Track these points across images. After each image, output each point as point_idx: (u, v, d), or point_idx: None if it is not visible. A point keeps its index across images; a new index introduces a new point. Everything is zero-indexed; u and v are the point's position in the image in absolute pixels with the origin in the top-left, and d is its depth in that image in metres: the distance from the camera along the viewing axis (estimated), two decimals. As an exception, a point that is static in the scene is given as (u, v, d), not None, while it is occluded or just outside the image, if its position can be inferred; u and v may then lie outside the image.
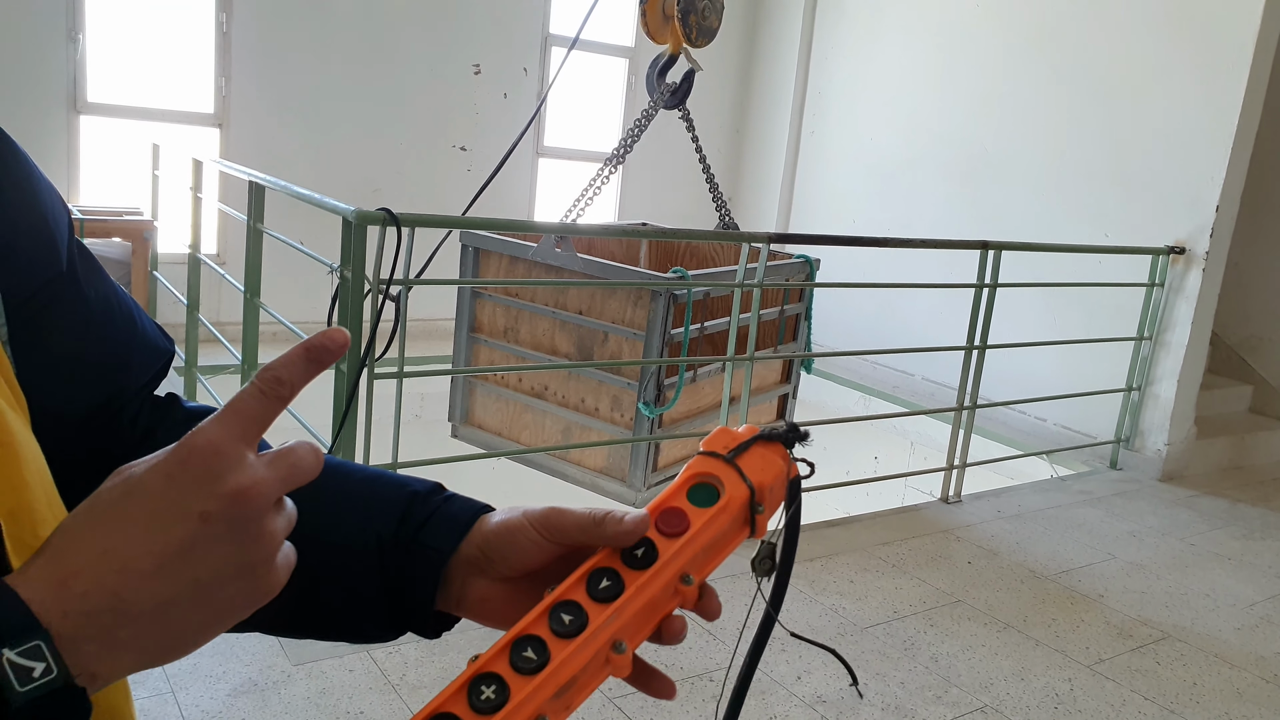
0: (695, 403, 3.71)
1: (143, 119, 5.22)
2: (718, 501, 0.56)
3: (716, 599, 0.57)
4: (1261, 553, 3.93)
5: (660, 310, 3.30)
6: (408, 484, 0.64)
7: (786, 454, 0.59)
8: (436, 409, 6.08)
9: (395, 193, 5.67)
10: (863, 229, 6.09)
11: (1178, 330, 4.74)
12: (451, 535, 0.60)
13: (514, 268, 3.63)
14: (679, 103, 4.02)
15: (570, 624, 0.51)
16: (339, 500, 0.63)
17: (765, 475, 0.57)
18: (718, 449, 0.58)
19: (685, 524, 0.55)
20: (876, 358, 6.17)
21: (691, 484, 0.57)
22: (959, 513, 4.03)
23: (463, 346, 3.82)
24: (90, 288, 0.60)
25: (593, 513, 0.56)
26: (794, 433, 0.59)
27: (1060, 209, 5.25)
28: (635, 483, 3.50)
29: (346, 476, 0.64)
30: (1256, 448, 5.32)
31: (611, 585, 0.53)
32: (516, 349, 3.66)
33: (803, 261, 4.09)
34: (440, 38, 5.89)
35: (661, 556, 0.54)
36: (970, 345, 4.07)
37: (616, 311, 3.43)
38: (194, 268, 4.31)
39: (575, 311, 3.52)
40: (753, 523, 0.57)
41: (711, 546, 0.56)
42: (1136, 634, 3.10)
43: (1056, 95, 5.28)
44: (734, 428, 0.60)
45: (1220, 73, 4.55)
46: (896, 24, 6.15)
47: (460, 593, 0.60)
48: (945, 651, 2.86)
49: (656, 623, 0.55)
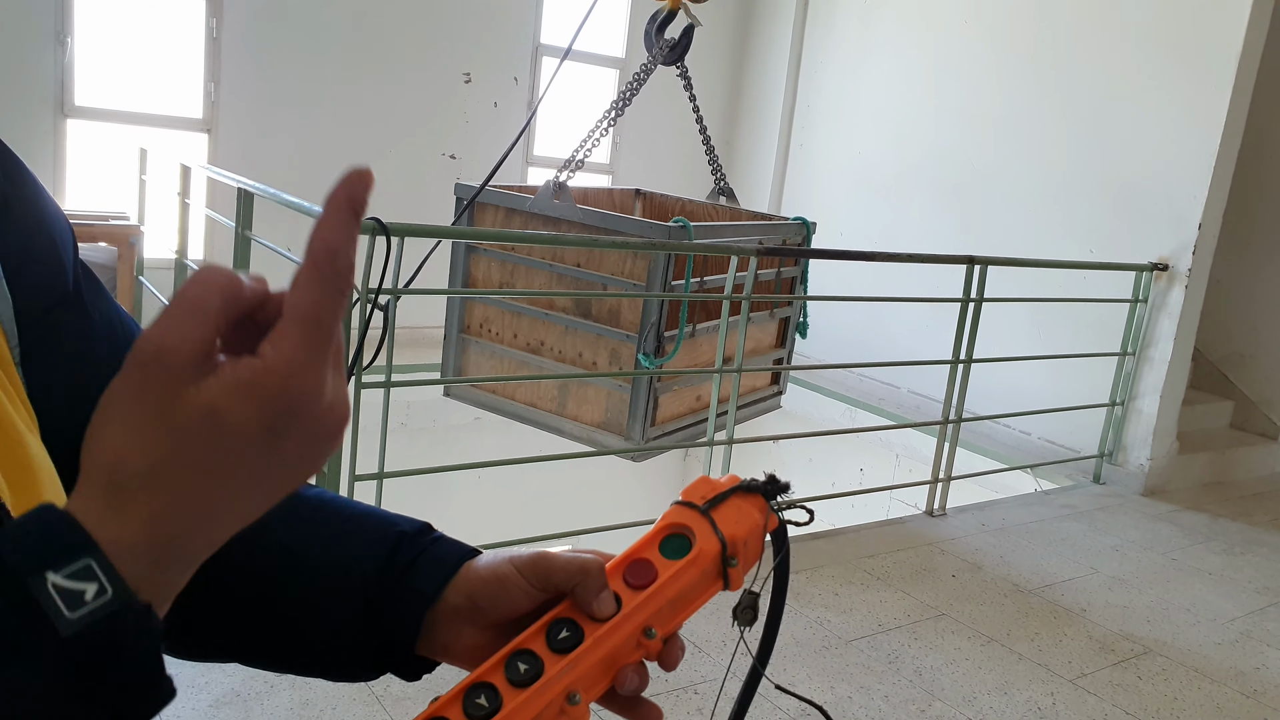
0: (693, 358, 3.66)
1: (131, 123, 5.20)
2: (688, 554, 0.55)
3: (677, 651, 0.56)
4: (1242, 568, 3.96)
5: (660, 261, 3.24)
6: (396, 523, 0.64)
7: (765, 506, 0.58)
8: (423, 417, 6.08)
9: (384, 201, 5.62)
10: (850, 241, 6.12)
11: (1161, 346, 4.79)
12: (436, 579, 0.59)
13: (510, 220, 3.57)
14: (678, 59, 3.90)
15: (525, 673, 0.51)
16: (325, 536, 0.63)
17: (739, 528, 0.56)
18: (695, 499, 0.57)
19: (652, 576, 0.55)
20: (862, 370, 6.19)
21: (664, 535, 0.57)
22: (944, 526, 4.05)
23: (456, 303, 3.75)
24: (94, 308, 0.60)
25: (581, 561, 0.55)
26: (773, 485, 0.58)
27: (1046, 225, 5.29)
28: (634, 436, 3.44)
29: (334, 511, 0.64)
30: (1237, 463, 5.36)
31: (570, 635, 0.52)
32: (512, 304, 3.59)
33: (799, 224, 4.05)
34: (430, 46, 5.90)
35: (624, 608, 0.54)
36: (956, 359, 4.10)
37: (615, 264, 3.36)
38: (180, 274, 4.29)
39: (573, 264, 3.44)
40: (725, 576, 0.56)
41: (679, 599, 0.55)
42: (1118, 648, 3.12)
43: (1043, 112, 5.33)
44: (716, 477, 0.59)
45: (1204, 93, 4.60)
46: (886, 39, 6.20)
47: (446, 639, 0.59)
48: (929, 665, 2.87)
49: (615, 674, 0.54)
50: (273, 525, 0.63)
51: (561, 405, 3.58)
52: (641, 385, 3.36)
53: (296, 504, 0.64)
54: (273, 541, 0.62)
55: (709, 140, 4.11)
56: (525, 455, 3.54)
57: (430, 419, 6.14)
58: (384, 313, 2.73)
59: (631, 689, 0.54)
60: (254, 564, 0.61)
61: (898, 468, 5.78)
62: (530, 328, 3.57)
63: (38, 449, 0.48)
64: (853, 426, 5.63)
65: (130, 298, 4.78)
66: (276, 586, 0.61)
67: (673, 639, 0.56)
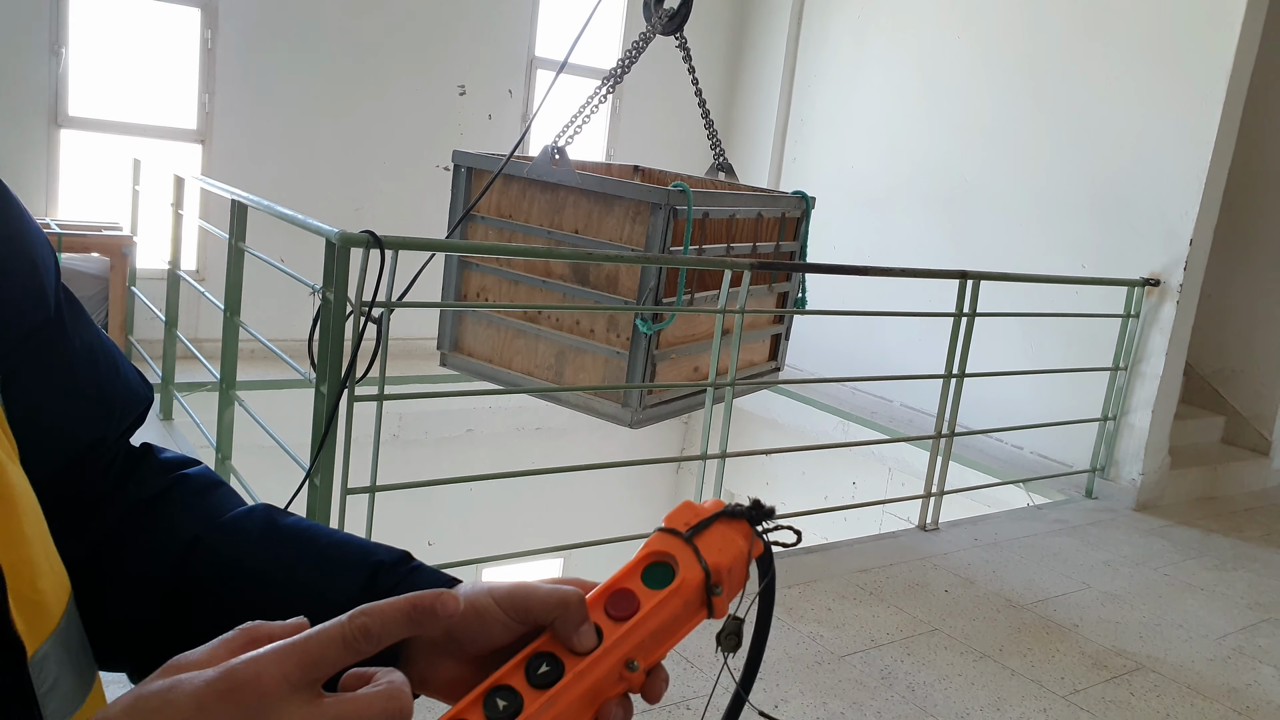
0: (691, 329, 3.63)
1: (124, 134, 5.20)
2: (671, 584, 0.54)
3: (661, 683, 0.55)
4: (1233, 583, 3.97)
5: (660, 224, 3.20)
6: (374, 552, 0.63)
7: (749, 532, 0.57)
8: (415, 429, 6.07)
9: (377, 212, 5.66)
10: (843, 255, 6.13)
11: (1152, 361, 4.80)
12: None
13: (508, 187, 3.53)
14: (677, 28, 3.80)
15: (505, 709, 0.50)
16: (303, 566, 0.62)
17: (724, 556, 0.55)
18: (678, 525, 0.56)
19: (634, 607, 0.54)
20: (855, 383, 6.20)
21: (647, 563, 0.56)
22: (936, 540, 4.05)
23: (453, 273, 3.69)
24: (76, 334, 0.59)
25: (560, 594, 0.55)
26: (758, 510, 0.57)
27: (1038, 239, 5.32)
28: (631, 403, 3.40)
29: (312, 540, 0.64)
30: (1228, 478, 5.38)
31: (550, 670, 0.51)
32: (509, 272, 3.54)
33: (799, 197, 4.00)
34: (425, 58, 5.91)
35: (605, 641, 0.53)
36: (949, 374, 4.10)
37: (614, 229, 3.32)
38: (173, 284, 4.28)
39: (571, 230, 3.40)
40: (709, 605, 0.55)
41: (662, 630, 0.54)
42: (1111, 664, 3.12)
43: (1035, 127, 5.36)
44: (700, 502, 0.58)
45: (1195, 108, 4.63)
46: (879, 54, 6.23)
47: (424, 672, 0.59)
48: (922, 681, 2.87)
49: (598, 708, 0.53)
50: (251, 555, 0.62)
51: (559, 373, 3.52)
52: (639, 352, 3.30)
53: (274, 533, 0.64)
54: (250, 571, 0.62)
55: (708, 114, 4.02)
56: (516, 468, 3.53)
57: (423, 431, 6.13)
58: (377, 326, 2.72)
59: None
60: (231, 594, 0.61)
61: (890, 481, 5.79)
62: (528, 296, 3.52)
63: (19, 478, 0.48)
64: (845, 440, 5.64)
65: (122, 308, 4.77)
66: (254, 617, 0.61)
67: (656, 670, 0.55)
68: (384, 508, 2.88)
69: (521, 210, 3.52)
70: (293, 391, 4.56)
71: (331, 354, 2.69)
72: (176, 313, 4.31)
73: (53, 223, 4.80)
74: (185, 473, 0.67)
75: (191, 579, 0.61)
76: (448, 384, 5.62)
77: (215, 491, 0.67)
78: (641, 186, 3.43)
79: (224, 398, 3.59)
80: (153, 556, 0.62)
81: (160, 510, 0.64)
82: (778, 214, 3.90)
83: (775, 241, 3.92)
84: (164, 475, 0.66)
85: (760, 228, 3.75)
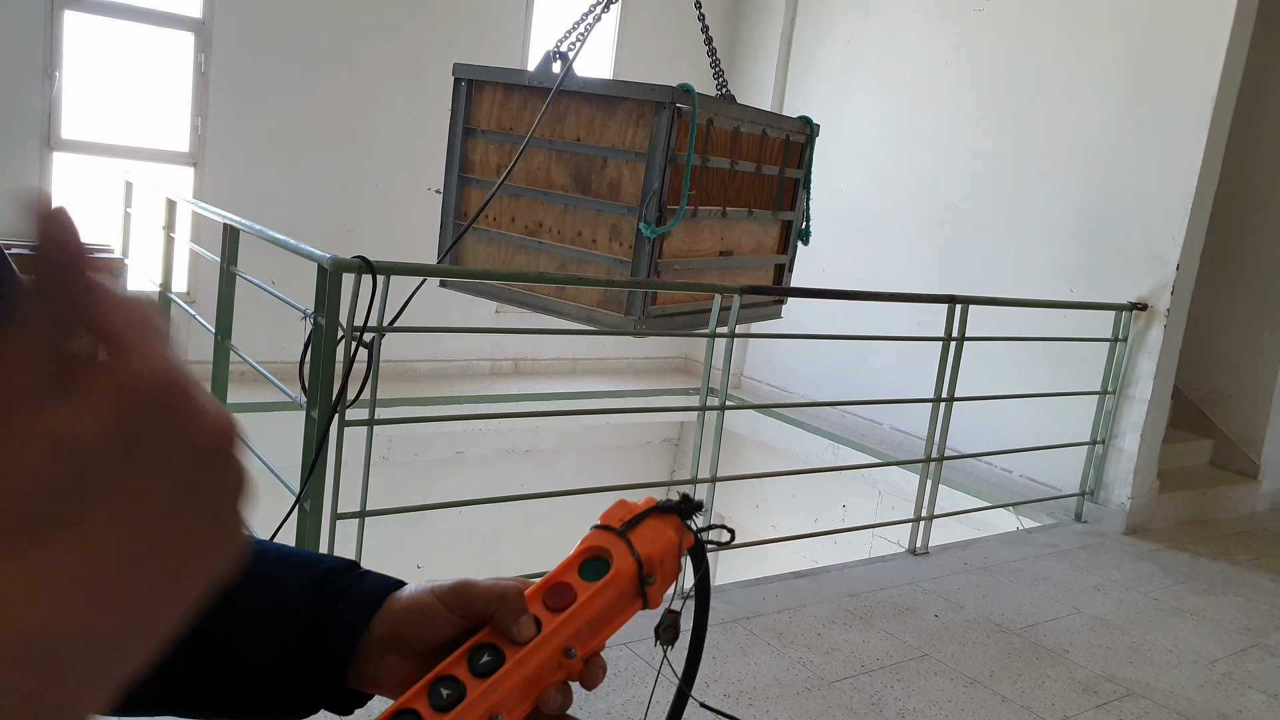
0: (694, 243, 3.54)
1: (117, 156, 5.21)
2: (605, 575, 0.57)
3: (598, 670, 0.57)
4: (1223, 608, 3.97)
5: (664, 125, 3.14)
6: (321, 561, 0.65)
7: (680, 525, 0.60)
8: (404, 450, 6.06)
9: (369, 235, 5.67)
10: (833, 278, 6.16)
11: (1140, 385, 4.83)
12: (364, 611, 0.61)
13: (510, 98, 3.49)
14: None
15: (448, 698, 0.52)
16: (252, 580, 0.61)
17: (655, 547, 0.58)
18: (613, 522, 0.59)
19: (571, 598, 0.56)
20: (845, 406, 6.21)
21: (584, 558, 0.58)
22: (926, 564, 4.05)
23: (453, 191, 3.65)
24: None
25: (500, 587, 0.57)
26: (687, 504, 0.60)
27: (1026, 264, 5.35)
28: (634, 310, 3.34)
29: (260, 554, 0.65)
30: (1217, 502, 5.40)
31: (491, 660, 0.54)
32: (509, 187, 3.48)
33: (804, 120, 3.93)
34: (417, 82, 5.93)
35: (544, 630, 0.55)
36: (938, 398, 4.12)
37: (616, 135, 3.27)
38: (164, 306, 4.28)
39: (573, 139, 3.35)
40: (644, 595, 0.58)
41: (598, 619, 0.57)
42: (1101, 690, 3.12)
43: (1023, 153, 5.41)
44: (633, 501, 0.61)
45: (1180, 135, 4.68)
46: (868, 81, 6.28)
47: (373, 670, 0.60)
48: (912, 707, 2.87)
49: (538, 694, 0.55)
50: None
51: (560, 287, 3.47)
52: (642, 258, 3.24)
53: None
54: None
55: (711, 42, 3.92)
56: (506, 490, 3.53)
57: (412, 453, 6.12)
58: (369, 350, 2.73)
59: (555, 708, 0.55)
60: None
61: (880, 504, 5.79)
62: (529, 209, 3.47)
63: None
64: (835, 463, 5.65)
65: (112, 330, 4.76)
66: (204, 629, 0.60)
67: (594, 658, 0.57)
68: (373, 530, 2.88)
69: (523, 121, 3.44)
70: (283, 414, 4.55)
71: (323, 379, 2.70)
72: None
73: (44, 245, 4.80)
74: None
75: None
76: (438, 408, 5.62)
77: None
78: (644, 86, 3.30)
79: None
80: None
81: None
82: (782, 135, 3.79)
83: (779, 166, 3.83)
84: None
85: (765, 149, 3.66)
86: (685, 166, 3.22)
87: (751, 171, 3.63)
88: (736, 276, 3.77)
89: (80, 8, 4.93)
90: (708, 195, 3.48)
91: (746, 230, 3.75)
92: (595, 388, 6.55)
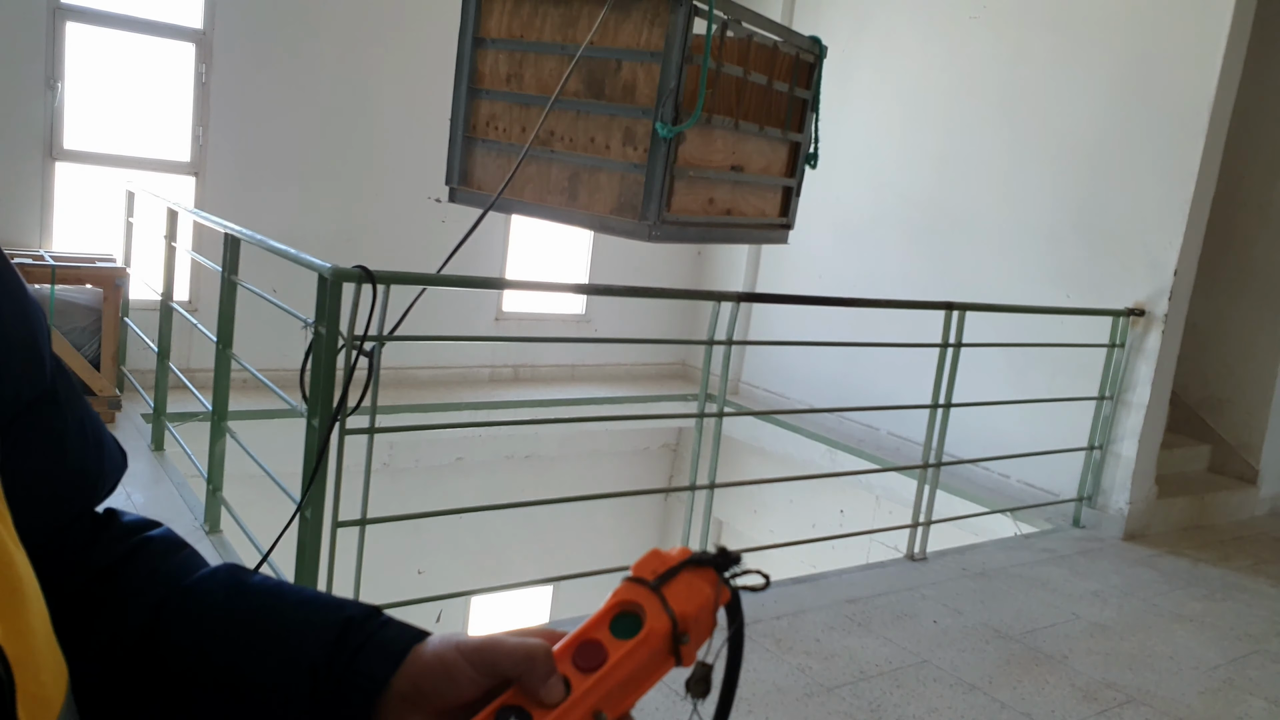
0: (707, 153, 3.48)
1: (119, 166, 5.23)
2: (638, 633, 0.54)
3: None
4: (1222, 614, 3.98)
5: (680, 22, 3.10)
6: (343, 608, 0.63)
7: (716, 579, 0.57)
8: (405, 457, 6.08)
9: (369, 244, 5.69)
10: (830, 285, 6.18)
11: (1138, 390, 4.84)
12: (386, 664, 0.59)
13: (520, 7, 3.43)
14: None
15: None
16: (271, 626, 0.62)
17: (690, 604, 0.55)
18: (645, 574, 0.56)
19: (602, 658, 0.54)
20: (843, 411, 6.23)
21: (614, 613, 0.56)
22: (925, 570, 4.06)
23: (461, 104, 3.58)
24: (68, 405, 0.59)
25: (527, 648, 0.55)
26: (724, 557, 0.57)
27: (1023, 269, 5.37)
28: (649, 215, 3.28)
29: (279, 599, 0.63)
30: (1216, 507, 5.41)
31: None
32: (520, 95, 3.43)
33: (814, 40, 3.87)
34: (417, 91, 5.96)
35: (574, 693, 0.53)
36: (935, 404, 4.13)
37: (631, 35, 3.23)
38: (166, 316, 4.30)
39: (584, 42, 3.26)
40: (677, 653, 0.56)
41: (630, 680, 0.54)
42: (1101, 697, 3.13)
43: (1020, 159, 5.43)
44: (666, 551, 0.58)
45: (1177, 140, 4.70)
46: (863, 86, 6.30)
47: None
48: (911, 714, 2.88)
49: None
50: (217, 617, 0.62)
51: (573, 196, 3.39)
52: (658, 162, 3.19)
53: (241, 593, 0.64)
54: (217, 634, 0.61)
55: None
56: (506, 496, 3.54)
57: (413, 459, 6.13)
58: (369, 359, 2.74)
59: None
60: (201, 656, 0.60)
61: (878, 509, 5.80)
62: (539, 119, 3.38)
63: (24, 566, 0.47)
64: (833, 469, 5.66)
65: (115, 339, 4.78)
66: (224, 678, 0.60)
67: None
68: (374, 536, 2.89)
69: (534, 28, 3.41)
70: (284, 421, 4.57)
71: (324, 387, 2.71)
72: (169, 344, 4.32)
73: (47, 255, 4.81)
74: (147, 535, 0.67)
75: (158, 644, 0.61)
76: (439, 415, 5.64)
77: (178, 554, 0.67)
78: None
79: (215, 429, 3.60)
80: (118, 623, 0.61)
81: (123, 576, 0.63)
82: (793, 52, 3.74)
83: (789, 84, 3.81)
84: (126, 540, 0.66)
85: (776, 64, 3.61)
86: (701, 68, 3.16)
87: (763, 85, 3.61)
88: (746, 195, 3.75)
89: (82, 19, 4.96)
90: (721, 105, 3.42)
91: (756, 148, 3.73)
92: (594, 394, 6.57)
